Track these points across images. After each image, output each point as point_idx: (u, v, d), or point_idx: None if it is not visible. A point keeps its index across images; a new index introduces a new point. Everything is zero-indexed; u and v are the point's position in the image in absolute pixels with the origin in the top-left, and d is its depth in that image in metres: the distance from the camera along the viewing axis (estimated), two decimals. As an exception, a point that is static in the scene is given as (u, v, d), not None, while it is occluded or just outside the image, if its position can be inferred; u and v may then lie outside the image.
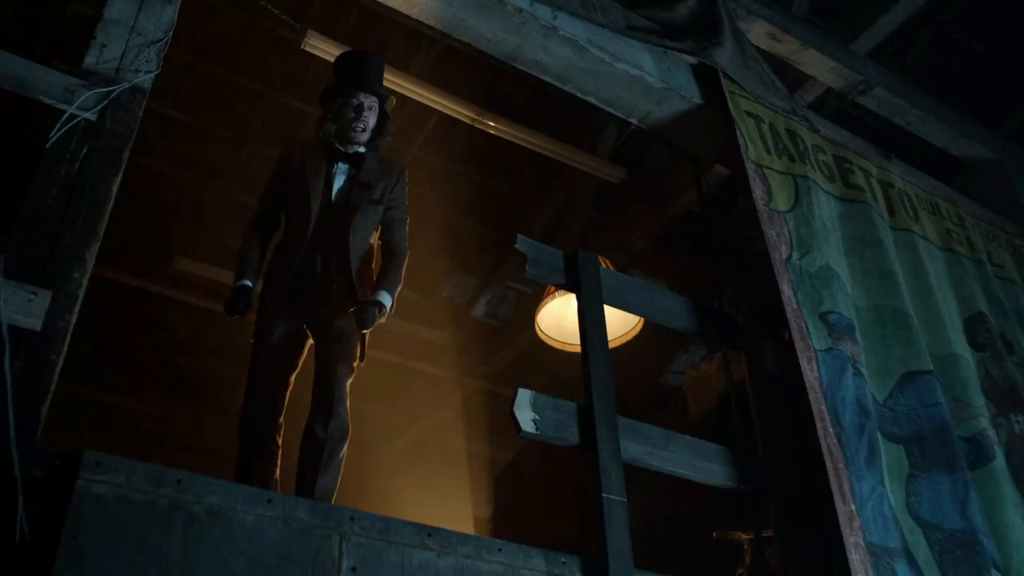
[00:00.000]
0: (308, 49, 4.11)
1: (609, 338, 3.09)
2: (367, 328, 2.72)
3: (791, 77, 4.61)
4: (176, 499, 1.88)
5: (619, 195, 5.54)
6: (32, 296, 1.91)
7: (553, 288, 3.92)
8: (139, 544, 1.80)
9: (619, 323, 3.93)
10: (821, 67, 4.42)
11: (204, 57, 4.97)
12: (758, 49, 4.13)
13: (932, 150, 5.07)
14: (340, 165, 2.91)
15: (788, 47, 4.33)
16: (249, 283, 2.80)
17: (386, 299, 2.76)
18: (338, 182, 2.89)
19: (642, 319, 3.89)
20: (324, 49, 4.03)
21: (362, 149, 2.96)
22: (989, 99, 5.70)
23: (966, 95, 5.58)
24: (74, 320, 1.98)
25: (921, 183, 4.00)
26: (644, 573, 2.38)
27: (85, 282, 2.03)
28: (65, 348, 1.94)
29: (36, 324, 1.89)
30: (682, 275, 5.42)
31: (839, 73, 4.45)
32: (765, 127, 3.38)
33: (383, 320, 2.78)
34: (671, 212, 5.25)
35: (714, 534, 3.59)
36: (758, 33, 4.23)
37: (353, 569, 2.00)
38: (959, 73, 5.74)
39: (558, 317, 4.07)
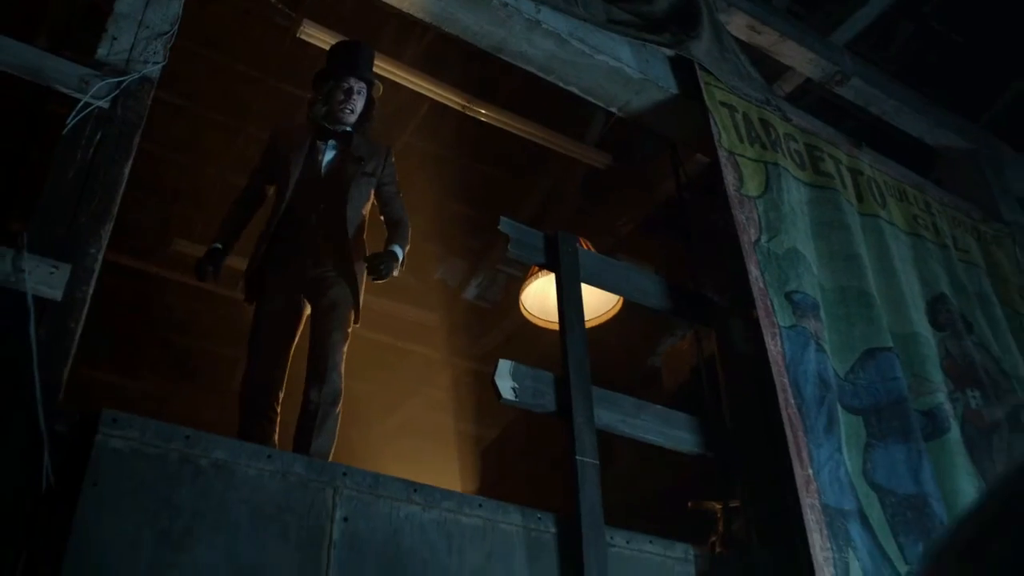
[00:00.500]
0: (304, 37, 4.29)
1: (589, 317, 3.31)
2: (383, 278, 2.96)
3: (771, 67, 4.81)
4: (185, 453, 2.09)
5: (605, 181, 5.73)
6: (53, 269, 2.11)
7: (537, 268, 4.13)
8: (152, 493, 2.01)
9: (599, 303, 4.14)
10: (799, 58, 4.62)
11: (202, 44, 5.14)
12: (737, 40, 4.32)
13: (914, 140, 5.28)
14: (329, 142, 3.14)
15: (767, 38, 4.52)
16: (219, 245, 3.05)
17: (399, 251, 3.03)
18: (328, 157, 3.12)
19: (621, 300, 4.10)
20: (319, 37, 4.21)
21: (349, 129, 3.19)
22: (968, 90, 5.90)
23: (946, 86, 5.79)
24: (91, 291, 2.18)
25: (890, 171, 4.21)
26: (613, 530, 2.60)
27: (100, 257, 2.23)
28: (83, 317, 2.15)
29: (57, 295, 2.10)
30: (666, 259, 5.62)
31: (817, 64, 4.65)
32: (739, 116, 3.59)
33: (396, 274, 3.02)
34: (656, 198, 5.46)
35: (689, 504, 3.81)
36: (738, 25, 4.43)
37: (345, 519, 2.22)
38: (939, 64, 5.93)
39: (542, 296, 4.28)
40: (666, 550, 2.70)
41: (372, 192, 3.19)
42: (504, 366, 2.64)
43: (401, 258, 3.08)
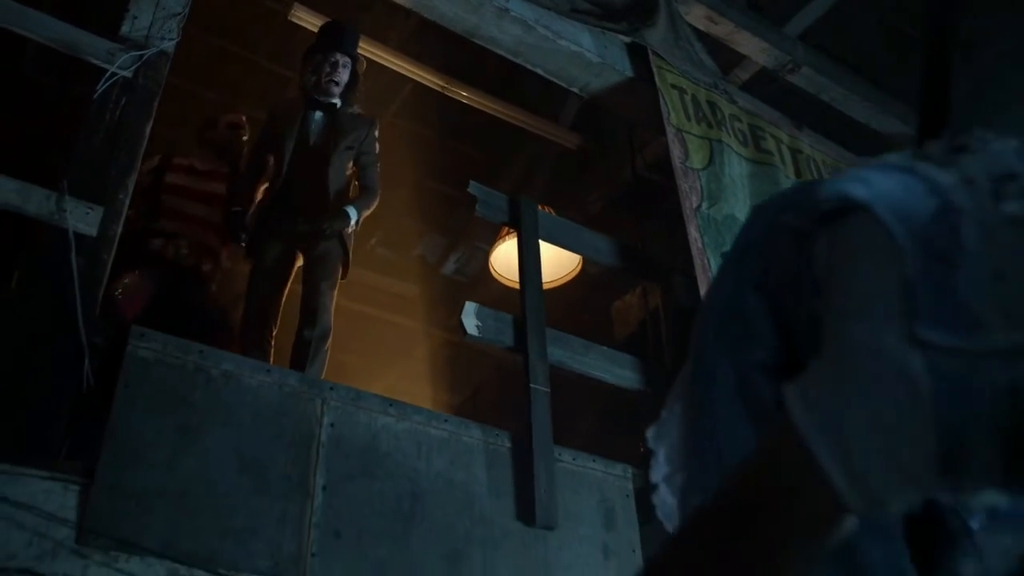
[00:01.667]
0: (294, 20, 4.75)
1: (550, 278, 3.80)
2: (326, 237, 3.41)
3: (730, 56, 5.32)
4: (199, 364, 2.58)
5: (577, 161, 6.24)
6: (89, 210, 2.59)
7: (505, 231, 4.63)
8: (172, 394, 2.50)
9: (560, 266, 4.64)
10: (754, 47, 5.13)
11: (197, 25, 5.59)
12: (695, 30, 4.83)
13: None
14: (316, 113, 3.64)
15: (724, 28, 5.03)
16: (238, 208, 3.57)
17: (352, 212, 3.51)
18: (315, 127, 3.61)
19: (580, 263, 4.61)
20: (309, 21, 4.68)
21: (336, 102, 3.68)
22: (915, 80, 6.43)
23: (902, 77, 6.33)
24: (120, 230, 2.67)
25: (829, 151, 4.73)
26: (561, 448, 3.11)
27: (127, 202, 2.72)
28: (113, 251, 2.63)
29: (92, 231, 2.58)
30: (633, 235, 6.14)
31: (770, 53, 5.16)
32: (688, 98, 4.10)
33: (348, 229, 3.48)
34: (623, 176, 5.96)
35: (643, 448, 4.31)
36: (696, 15, 4.93)
37: (332, 425, 2.71)
38: (896, 56, 6.48)
39: (509, 257, 4.76)
40: (607, 468, 3.21)
41: (353, 160, 3.68)
42: (470, 307, 3.15)
43: (355, 218, 3.53)
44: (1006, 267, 0.67)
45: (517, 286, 4.88)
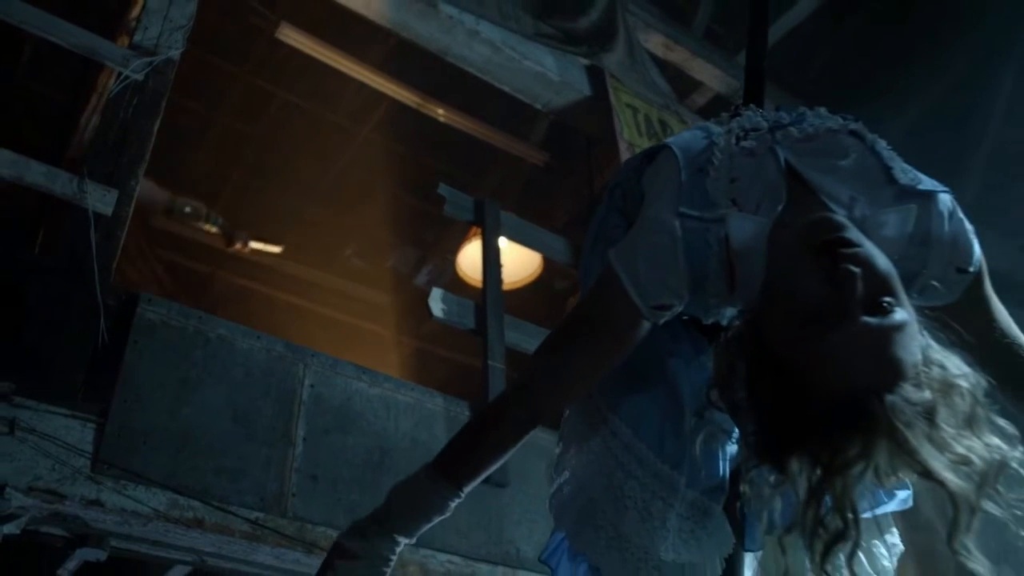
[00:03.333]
0: (281, 38, 5.29)
1: (514, 278, 4.33)
2: None
3: (689, 82, 5.92)
4: (198, 327, 3.08)
5: (546, 178, 6.80)
6: (106, 192, 3.09)
7: (472, 231, 5.15)
8: (175, 351, 2.99)
9: (521, 268, 5.17)
10: (708, 74, 5.75)
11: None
12: (653, 56, 5.44)
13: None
14: None
15: (680, 55, 5.65)
16: None
17: None
18: None
19: (541, 266, 5.15)
20: (295, 39, 5.22)
21: None
22: (876, 111, 7.10)
23: (852, 106, 6.97)
24: (131, 211, 3.17)
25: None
26: (515, 418, 3.61)
27: (138, 187, 3.22)
28: (126, 228, 3.13)
29: (108, 211, 3.08)
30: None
31: (723, 80, 5.78)
32: (640, 116, 4.67)
33: None
34: (589, 191, 6.53)
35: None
36: (655, 43, 5.55)
37: (312, 386, 3.21)
38: (855, 84, 7.14)
39: (474, 260, 5.28)
40: (553, 437, 3.71)
41: None
42: (436, 292, 3.67)
43: None
44: (737, 175, 1.23)
45: (479, 285, 5.42)
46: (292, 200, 7.06)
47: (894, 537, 1.49)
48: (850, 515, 1.01)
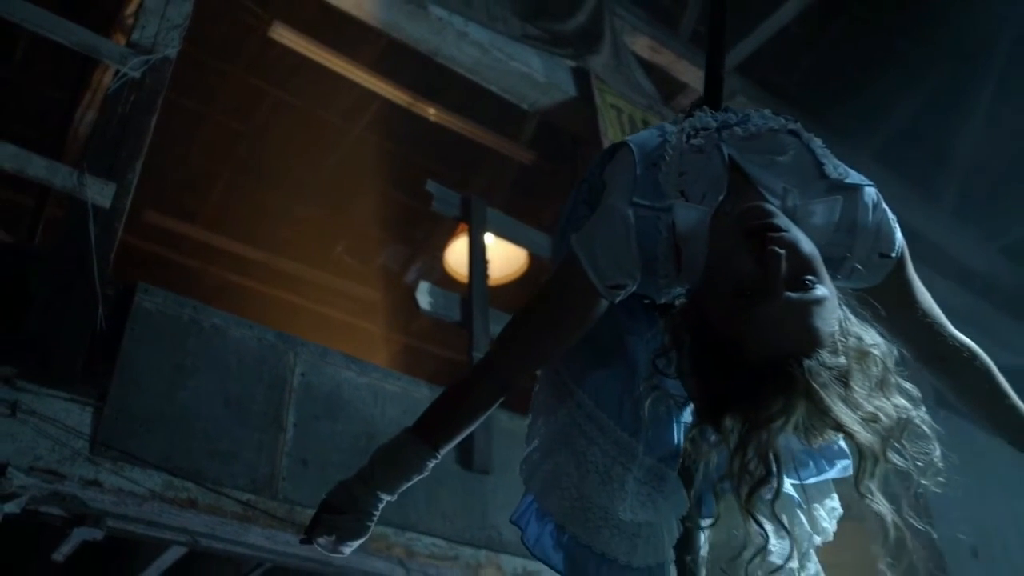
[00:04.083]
0: (274, 37, 5.44)
1: (500, 274, 4.49)
2: None
3: (676, 84, 6.09)
4: (193, 316, 3.23)
5: (533, 177, 6.96)
6: (104, 185, 3.24)
7: (460, 228, 5.31)
8: (170, 338, 3.15)
9: (507, 265, 5.33)
10: (693, 76, 5.91)
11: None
12: (639, 59, 5.60)
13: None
14: None
15: (665, 58, 5.81)
16: None
17: None
18: None
19: (527, 263, 5.31)
20: (288, 38, 5.37)
21: None
22: (857, 116, 7.29)
23: (835, 107, 7.17)
24: (129, 203, 3.32)
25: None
26: (499, 409, 3.77)
27: (135, 180, 3.37)
28: (124, 219, 3.28)
29: (107, 203, 3.23)
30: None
31: (708, 81, 5.94)
32: (624, 116, 4.84)
33: None
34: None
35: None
36: (642, 45, 5.72)
37: (302, 374, 3.37)
38: (837, 90, 7.33)
39: (462, 255, 5.44)
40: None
41: None
42: (424, 286, 3.83)
43: None
44: (685, 169, 1.39)
45: (464, 279, 5.57)
46: (283, 197, 7.20)
47: (834, 502, 1.66)
48: (773, 463, 1.17)
